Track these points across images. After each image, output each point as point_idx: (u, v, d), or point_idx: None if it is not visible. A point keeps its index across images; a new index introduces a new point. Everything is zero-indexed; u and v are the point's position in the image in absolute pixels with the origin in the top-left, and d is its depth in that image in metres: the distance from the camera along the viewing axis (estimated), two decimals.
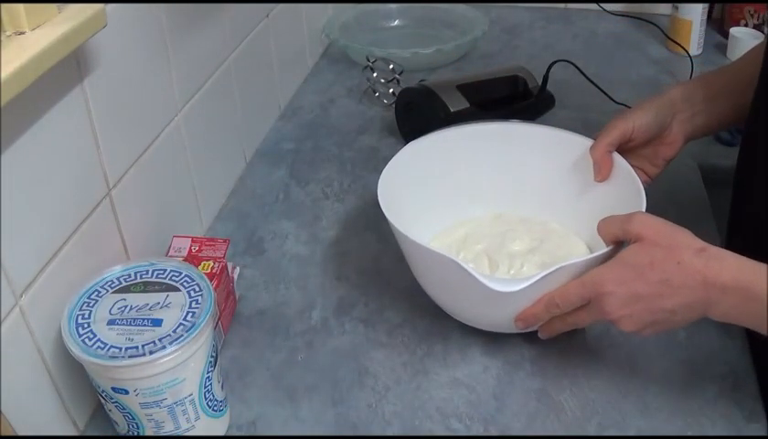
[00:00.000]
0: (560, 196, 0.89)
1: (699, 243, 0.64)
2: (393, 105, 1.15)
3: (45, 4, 0.61)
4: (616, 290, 0.65)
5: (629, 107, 1.17)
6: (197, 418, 0.67)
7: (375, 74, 1.25)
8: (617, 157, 0.84)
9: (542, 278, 0.68)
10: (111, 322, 0.63)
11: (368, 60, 1.26)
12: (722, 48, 1.37)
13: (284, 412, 0.74)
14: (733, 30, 1.34)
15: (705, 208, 0.98)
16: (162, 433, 0.66)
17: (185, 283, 0.67)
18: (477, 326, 0.80)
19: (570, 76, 1.20)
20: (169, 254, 0.82)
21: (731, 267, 0.62)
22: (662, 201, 0.85)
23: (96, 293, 0.66)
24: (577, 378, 0.76)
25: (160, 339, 0.61)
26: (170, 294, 0.65)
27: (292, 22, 1.27)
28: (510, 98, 1.14)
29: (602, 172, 0.83)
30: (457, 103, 1.08)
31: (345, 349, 0.80)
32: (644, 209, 0.75)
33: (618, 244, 0.70)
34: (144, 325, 0.63)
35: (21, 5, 0.59)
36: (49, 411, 0.68)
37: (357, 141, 1.16)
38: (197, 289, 0.66)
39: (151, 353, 0.60)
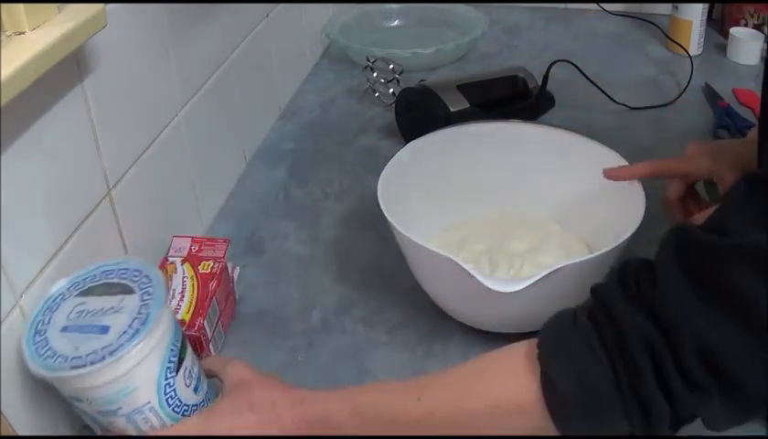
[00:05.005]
0: (559, 196, 0.89)
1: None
2: (393, 105, 1.15)
3: (45, 4, 0.61)
4: None
5: (629, 107, 1.18)
6: (163, 424, 0.63)
7: (375, 74, 1.25)
8: (617, 158, 0.84)
9: (542, 278, 0.68)
10: (64, 329, 0.60)
11: (368, 60, 1.26)
12: (722, 49, 1.36)
13: None
14: (733, 30, 1.34)
15: None
16: None
17: (141, 285, 0.63)
18: (477, 325, 0.80)
19: (570, 76, 1.20)
20: (169, 254, 0.82)
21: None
22: (662, 201, 0.86)
23: (61, 296, 0.63)
24: None
25: (102, 349, 0.58)
26: (126, 297, 0.62)
27: (292, 22, 1.27)
28: (510, 98, 1.14)
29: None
30: (457, 103, 1.08)
31: (345, 349, 0.80)
32: (643, 209, 0.75)
33: None
34: (92, 332, 0.59)
35: (21, 5, 0.59)
36: (49, 411, 0.68)
37: (357, 141, 1.16)
38: (148, 295, 0.61)
39: (92, 364, 0.57)
